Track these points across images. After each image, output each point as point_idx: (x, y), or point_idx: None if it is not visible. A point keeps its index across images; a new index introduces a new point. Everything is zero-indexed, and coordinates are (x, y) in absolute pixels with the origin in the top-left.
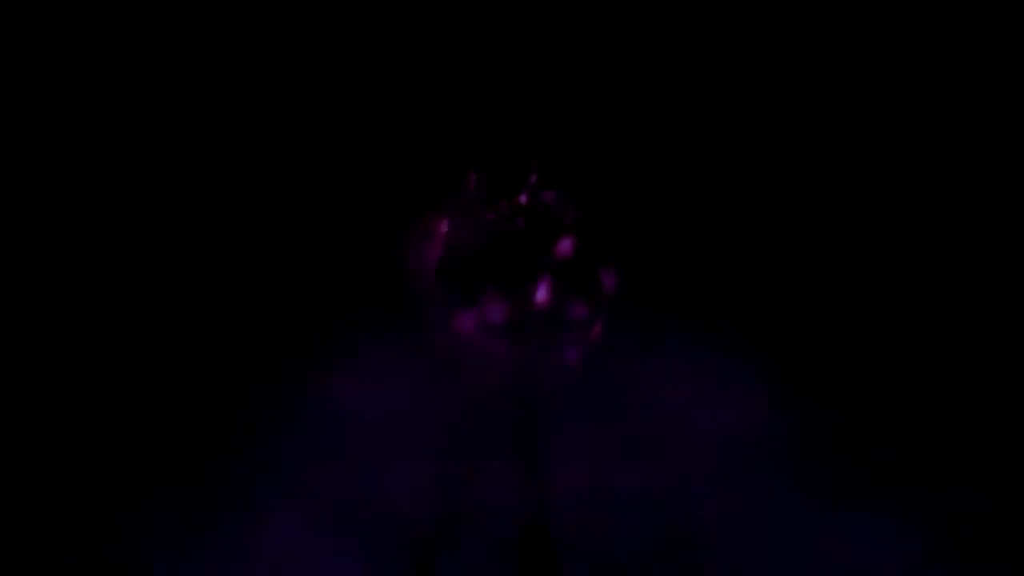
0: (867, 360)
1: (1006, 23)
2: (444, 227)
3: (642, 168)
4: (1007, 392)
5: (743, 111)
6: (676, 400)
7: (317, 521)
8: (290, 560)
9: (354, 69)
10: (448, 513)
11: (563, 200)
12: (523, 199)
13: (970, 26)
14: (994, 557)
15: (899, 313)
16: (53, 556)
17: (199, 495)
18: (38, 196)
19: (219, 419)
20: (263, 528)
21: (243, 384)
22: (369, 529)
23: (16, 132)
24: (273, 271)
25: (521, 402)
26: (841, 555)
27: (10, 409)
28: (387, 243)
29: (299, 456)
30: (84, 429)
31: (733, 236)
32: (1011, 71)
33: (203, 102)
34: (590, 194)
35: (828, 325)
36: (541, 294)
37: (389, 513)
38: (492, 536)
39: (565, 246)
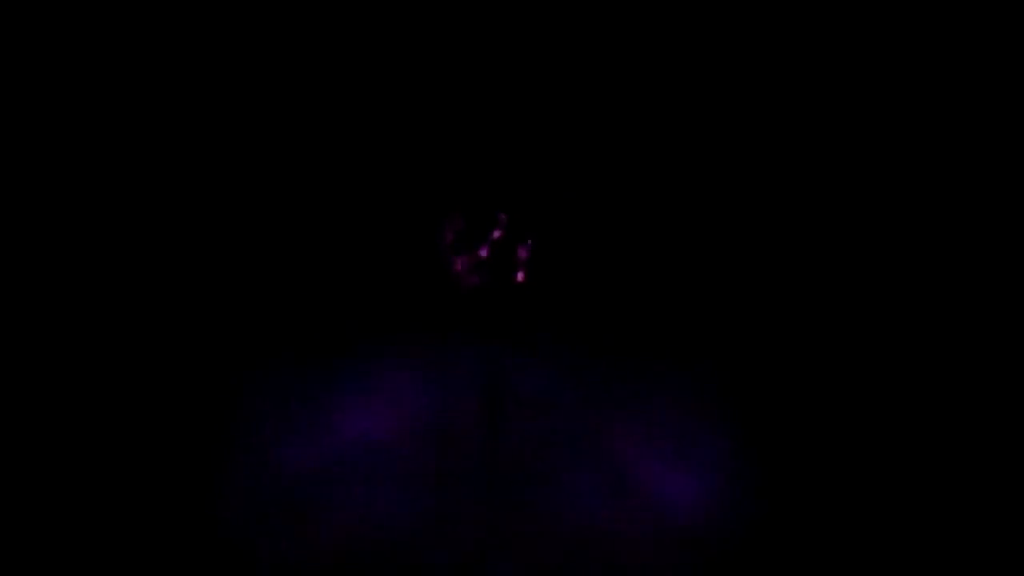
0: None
1: (1006, 23)
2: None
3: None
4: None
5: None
6: None
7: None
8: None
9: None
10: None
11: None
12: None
13: (970, 26)
14: None
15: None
16: None
17: None
18: (40, 197)
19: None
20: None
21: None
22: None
23: (17, 132)
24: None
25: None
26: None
27: None
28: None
29: None
30: None
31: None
32: (1010, 71)
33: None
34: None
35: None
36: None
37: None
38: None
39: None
